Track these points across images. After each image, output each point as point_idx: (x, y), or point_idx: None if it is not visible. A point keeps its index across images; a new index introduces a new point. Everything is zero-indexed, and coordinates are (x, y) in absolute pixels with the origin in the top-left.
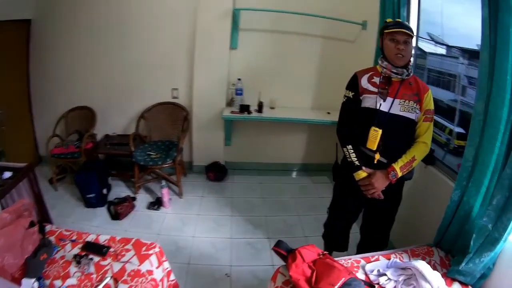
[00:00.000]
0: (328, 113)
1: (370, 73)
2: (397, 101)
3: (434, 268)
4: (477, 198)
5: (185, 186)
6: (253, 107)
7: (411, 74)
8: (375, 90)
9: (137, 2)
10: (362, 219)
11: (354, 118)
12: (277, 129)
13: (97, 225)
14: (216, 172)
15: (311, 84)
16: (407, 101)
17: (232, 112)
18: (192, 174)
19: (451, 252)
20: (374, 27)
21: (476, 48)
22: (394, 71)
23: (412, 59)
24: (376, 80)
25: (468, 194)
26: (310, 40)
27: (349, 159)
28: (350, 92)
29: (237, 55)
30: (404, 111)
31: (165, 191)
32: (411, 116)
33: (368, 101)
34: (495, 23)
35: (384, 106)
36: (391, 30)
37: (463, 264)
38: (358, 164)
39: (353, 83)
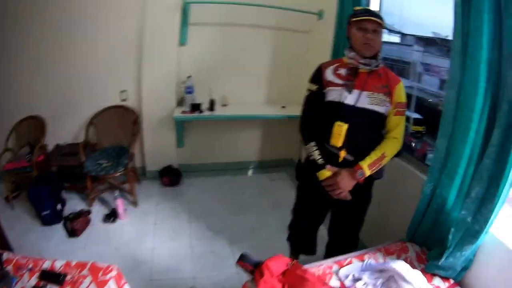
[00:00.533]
0: (283, 107)
1: (336, 64)
2: (364, 93)
3: (411, 264)
4: (451, 189)
5: (140, 194)
6: (205, 105)
7: (381, 65)
8: (341, 82)
9: None
10: (329, 219)
11: (317, 113)
12: (231, 127)
13: (55, 245)
14: (170, 177)
15: (264, 78)
16: (376, 94)
17: (183, 112)
18: (146, 180)
19: (426, 245)
20: (331, 16)
21: (431, 35)
22: (362, 61)
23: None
24: (342, 71)
25: (441, 186)
26: (263, 32)
27: (311, 157)
28: (313, 85)
29: (187, 51)
30: (373, 104)
31: (119, 202)
32: (381, 109)
33: (333, 94)
34: (469, 9)
35: (350, 99)
36: (359, 18)
37: (443, 259)
38: (322, 162)
39: (317, 76)
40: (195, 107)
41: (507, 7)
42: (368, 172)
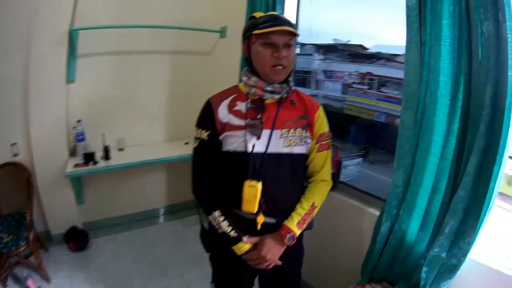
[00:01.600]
0: (186, 143)
1: (231, 97)
2: (277, 133)
3: None
4: (411, 222)
5: (50, 265)
6: (100, 153)
7: (293, 89)
8: (242, 123)
9: None
10: (259, 285)
11: (215, 170)
12: (132, 174)
13: None
14: (76, 242)
15: (164, 112)
16: (292, 130)
17: (76, 165)
18: (53, 246)
19: (386, 281)
20: (236, 32)
21: (332, 42)
22: (269, 89)
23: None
24: (242, 106)
25: (400, 221)
26: (160, 58)
27: (220, 231)
28: (202, 131)
29: (76, 89)
30: (290, 145)
31: (30, 282)
32: (301, 150)
33: (234, 142)
34: (425, 14)
35: (259, 146)
36: (265, 31)
37: None
38: (236, 235)
39: (206, 117)
40: (89, 157)
41: (478, 11)
42: (298, 232)
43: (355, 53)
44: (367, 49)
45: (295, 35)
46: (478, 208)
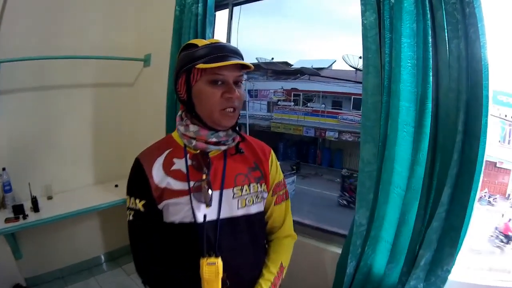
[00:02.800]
0: (116, 185)
1: (165, 153)
2: (228, 193)
3: None
4: (376, 256)
5: None
6: (29, 204)
7: (241, 135)
8: (185, 187)
9: None
10: None
11: (159, 247)
12: (65, 223)
13: None
14: None
15: (89, 152)
16: (246, 187)
17: (7, 220)
18: None
19: None
20: (160, 61)
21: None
22: (214, 140)
23: None
24: (181, 165)
25: (366, 257)
26: (82, 92)
27: None
28: (136, 200)
29: None
30: (245, 205)
31: None
32: (259, 207)
33: (177, 212)
34: (384, 33)
35: (210, 213)
36: (214, 65)
37: None
38: None
39: (139, 182)
40: (18, 210)
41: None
42: None
43: (279, 70)
44: (291, 65)
45: (247, 68)
46: (455, 236)
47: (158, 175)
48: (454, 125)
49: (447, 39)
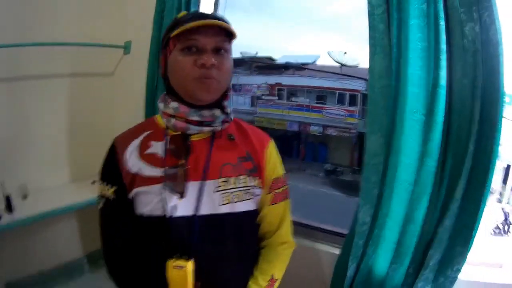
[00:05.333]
0: (93, 182)
1: (143, 135)
2: (211, 184)
3: None
4: (378, 257)
5: None
6: (2, 204)
7: (231, 118)
8: (158, 173)
9: None
10: None
11: (131, 239)
12: (42, 224)
13: None
14: None
15: (65, 148)
16: (233, 179)
17: None
18: None
19: None
20: (141, 48)
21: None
22: (195, 118)
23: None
24: (158, 148)
25: (367, 258)
26: (58, 83)
27: None
28: (107, 186)
29: None
30: (230, 201)
31: None
32: (248, 206)
33: (148, 202)
34: (392, 12)
35: (182, 208)
36: (184, 28)
37: None
38: None
39: (110, 166)
40: None
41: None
42: None
43: (263, 65)
44: (275, 60)
45: (230, 35)
46: (468, 234)
47: (131, 159)
48: (470, 114)
49: (461, 22)
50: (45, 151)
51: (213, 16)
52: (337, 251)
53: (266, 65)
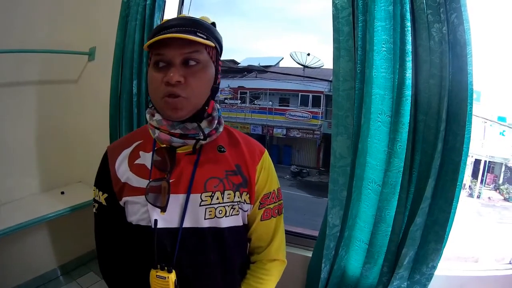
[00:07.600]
0: (62, 192)
1: (134, 144)
2: (195, 198)
3: None
4: (351, 257)
5: None
6: None
7: (220, 130)
8: (144, 185)
9: None
10: None
11: (120, 245)
12: (13, 236)
13: None
14: None
15: (33, 157)
16: (218, 194)
17: None
18: None
19: None
20: (105, 54)
21: None
22: (177, 131)
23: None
24: (146, 159)
25: (339, 260)
26: (24, 90)
27: None
28: (99, 192)
29: None
30: (214, 216)
31: None
32: (234, 221)
33: (135, 212)
34: (357, 14)
35: (167, 220)
36: (149, 43)
37: None
38: None
39: (103, 173)
40: None
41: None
42: None
43: (225, 69)
44: (239, 63)
45: (202, 43)
46: (441, 231)
47: (120, 168)
48: (437, 114)
49: (427, 23)
50: (15, 160)
51: (179, 24)
52: (309, 254)
53: (228, 69)
